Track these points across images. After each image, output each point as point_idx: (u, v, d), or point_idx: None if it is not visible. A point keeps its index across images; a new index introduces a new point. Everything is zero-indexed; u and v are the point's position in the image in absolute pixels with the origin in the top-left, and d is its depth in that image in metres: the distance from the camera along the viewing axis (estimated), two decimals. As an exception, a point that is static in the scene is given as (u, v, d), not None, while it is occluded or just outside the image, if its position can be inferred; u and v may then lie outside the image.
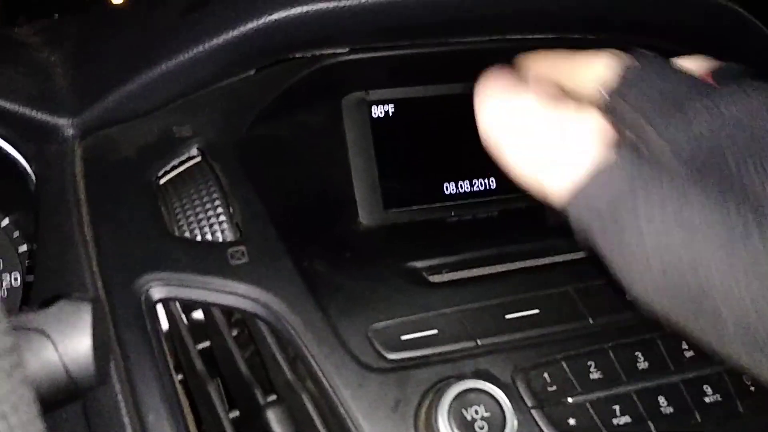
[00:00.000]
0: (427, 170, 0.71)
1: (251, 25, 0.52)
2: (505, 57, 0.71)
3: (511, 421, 0.43)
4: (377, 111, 0.70)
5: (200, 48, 0.53)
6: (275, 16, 0.52)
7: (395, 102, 0.70)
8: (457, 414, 0.43)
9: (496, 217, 0.71)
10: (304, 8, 0.52)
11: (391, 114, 0.70)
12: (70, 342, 0.32)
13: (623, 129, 0.35)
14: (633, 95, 0.35)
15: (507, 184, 0.73)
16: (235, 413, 0.47)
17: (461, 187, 0.72)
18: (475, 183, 0.73)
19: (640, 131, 0.34)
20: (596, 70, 0.37)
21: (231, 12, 0.53)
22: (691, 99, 0.33)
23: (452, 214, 0.71)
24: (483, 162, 0.71)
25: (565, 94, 0.39)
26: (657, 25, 0.67)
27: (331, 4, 0.52)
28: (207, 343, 0.49)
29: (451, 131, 0.72)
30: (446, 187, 0.72)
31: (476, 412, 0.43)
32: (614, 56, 0.37)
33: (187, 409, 0.47)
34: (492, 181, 0.73)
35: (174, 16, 0.56)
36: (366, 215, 0.68)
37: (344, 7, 0.53)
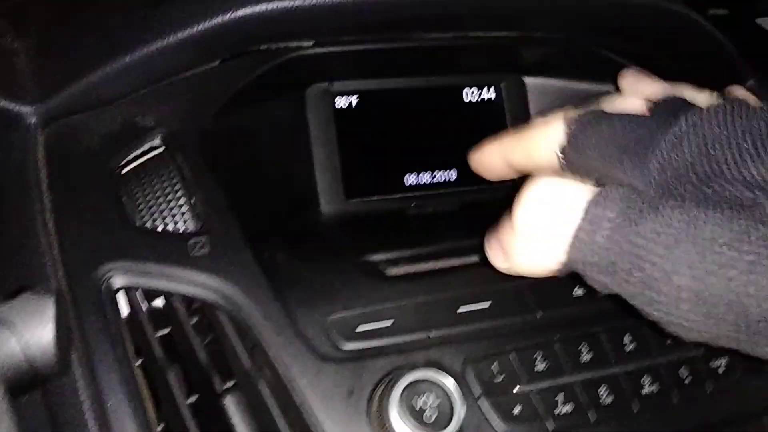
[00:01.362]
0: (389, 161, 0.73)
1: (218, 19, 0.53)
2: (469, 52, 0.73)
3: (459, 410, 0.45)
4: (341, 102, 0.71)
5: (167, 40, 0.53)
6: (241, 12, 0.53)
7: (359, 93, 0.72)
8: (407, 402, 0.45)
9: (456, 210, 0.73)
10: (271, 5, 0.52)
11: (354, 105, 0.72)
12: (33, 334, 0.33)
13: (590, 178, 0.37)
14: (592, 146, 0.36)
15: (468, 177, 0.75)
16: (194, 398, 0.48)
17: (422, 179, 0.74)
18: (436, 175, 0.75)
19: (607, 174, 0.36)
20: (549, 137, 0.39)
21: (198, 5, 0.53)
22: (643, 136, 0.35)
23: (413, 204, 0.73)
24: (444, 154, 0.75)
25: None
26: (614, 28, 0.69)
27: (297, 2, 0.53)
28: (167, 330, 0.50)
29: (413, 124, 0.74)
30: (407, 178, 0.73)
31: (426, 400, 0.45)
32: (558, 120, 0.39)
33: (146, 395, 0.48)
34: (453, 173, 0.75)
35: (140, 6, 0.57)
36: (327, 204, 0.69)
37: (311, 4, 0.54)
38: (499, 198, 0.74)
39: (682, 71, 0.74)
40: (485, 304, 0.52)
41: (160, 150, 0.55)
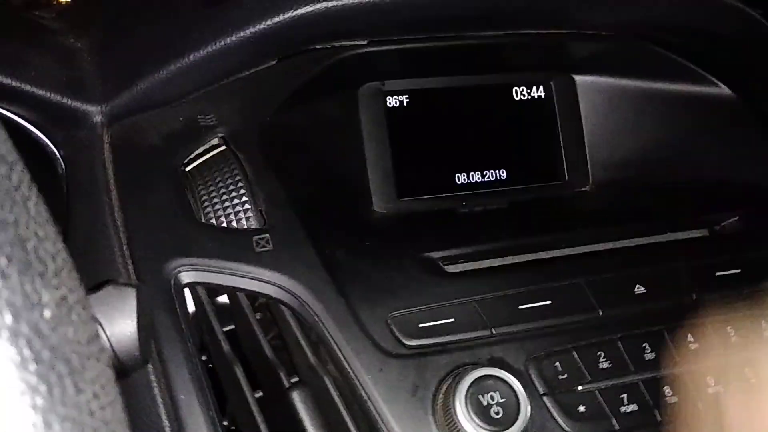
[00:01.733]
0: (440, 160, 0.73)
1: (277, 18, 0.54)
2: (518, 50, 0.73)
3: (525, 407, 0.45)
4: (392, 101, 0.71)
5: (228, 39, 0.54)
6: (301, 11, 0.53)
7: (410, 93, 0.72)
8: (473, 399, 0.45)
9: (506, 208, 0.73)
10: (329, 3, 0.53)
11: (405, 104, 0.72)
12: (117, 326, 0.34)
13: None
14: None
15: (518, 176, 0.75)
16: (259, 394, 0.49)
17: (473, 178, 0.74)
18: (486, 174, 0.74)
19: None
20: None
21: (257, 5, 0.54)
22: None
23: (464, 204, 0.73)
24: (494, 153, 0.75)
25: None
26: (668, 24, 0.69)
27: (354, 0, 0.53)
28: (231, 327, 0.51)
29: (463, 122, 0.74)
30: (458, 177, 0.73)
31: (492, 397, 0.45)
32: None
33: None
34: (503, 173, 0.75)
35: (201, 6, 0.58)
36: (380, 203, 0.69)
37: (366, 3, 0.54)
38: (548, 197, 0.75)
39: (736, 68, 0.74)
40: (546, 302, 0.52)
41: (222, 148, 0.56)
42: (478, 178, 0.74)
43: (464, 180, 0.73)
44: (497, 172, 0.75)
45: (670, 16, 0.69)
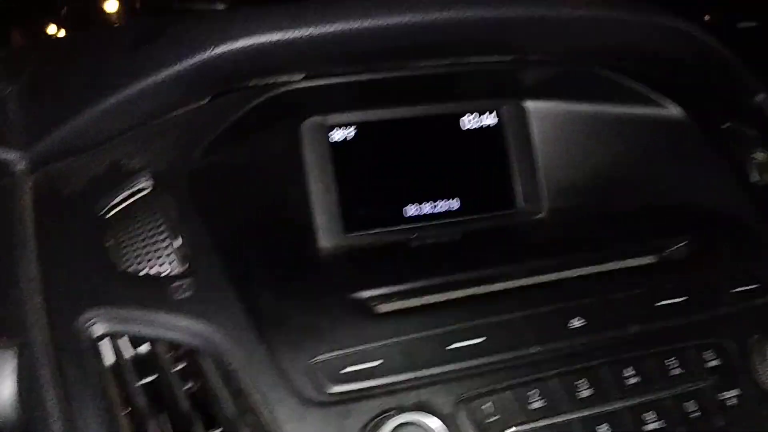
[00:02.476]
0: (389, 193, 0.72)
1: (197, 58, 0.53)
2: (465, 79, 0.72)
3: (448, 454, 0.43)
4: (337, 135, 0.70)
5: (146, 81, 0.53)
6: (219, 50, 0.52)
7: (355, 125, 0.71)
8: (395, 447, 0.43)
9: (458, 240, 0.72)
10: (247, 41, 0.52)
11: (351, 138, 0.71)
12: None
13: None
14: None
15: (471, 205, 0.74)
16: (179, 448, 0.47)
17: (423, 209, 0.73)
18: (438, 204, 0.73)
19: None
20: None
21: (176, 46, 0.53)
22: None
23: (414, 236, 0.71)
24: (446, 183, 0.73)
25: None
26: (610, 47, 0.68)
27: (274, 37, 0.52)
28: (154, 377, 0.50)
29: (412, 154, 0.73)
30: (408, 209, 0.72)
31: (414, 444, 0.43)
32: None
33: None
34: (455, 202, 0.74)
35: (123, 49, 0.57)
36: (325, 239, 0.68)
37: (289, 39, 0.54)
38: (502, 226, 0.74)
39: (690, 88, 0.73)
40: (478, 340, 0.51)
41: (146, 192, 0.55)
42: (430, 209, 0.73)
43: (415, 212, 0.72)
44: (449, 202, 0.74)
45: (620, 42, 0.68)
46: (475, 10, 0.58)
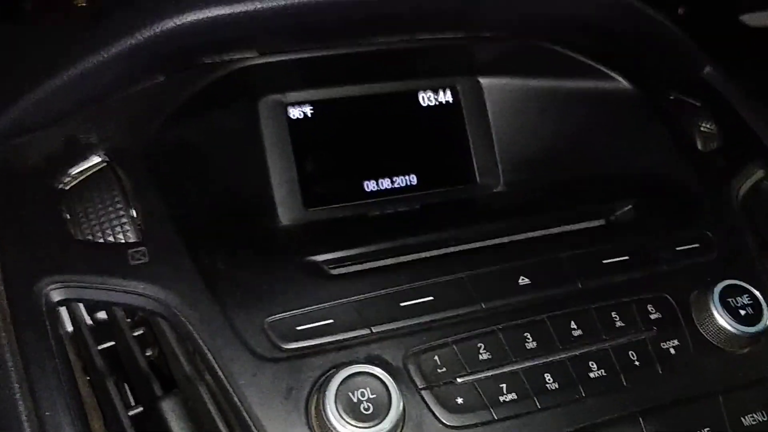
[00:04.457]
0: (348, 169, 0.73)
1: (148, 32, 0.54)
2: (421, 55, 0.74)
3: (397, 401, 0.45)
4: (295, 112, 0.71)
5: (100, 56, 0.54)
6: (169, 23, 0.53)
7: (313, 103, 0.72)
8: (343, 397, 0.44)
9: (417, 210, 0.73)
10: (196, 15, 0.53)
11: (309, 115, 0.72)
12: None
13: None
14: None
15: (429, 181, 0.75)
16: (138, 409, 0.48)
17: (382, 185, 0.74)
18: (396, 180, 0.75)
19: None
20: None
21: (128, 20, 0.54)
22: None
23: (374, 211, 0.73)
24: (404, 159, 0.75)
25: None
26: (560, 23, 0.70)
27: (222, 11, 0.54)
28: (111, 343, 0.51)
29: (370, 130, 0.74)
30: (367, 185, 0.73)
31: (363, 394, 0.45)
32: None
33: (94, 407, 0.48)
34: (413, 178, 0.75)
35: (77, 24, 0.58)
36: (286, 215, 0.69)
37: (238, 13, 0.55)
38: (460, 199, 0.76)
39: (638, 61, 0.75)
40: (428, 298, 0.52)
41: (103, 165, 0.56)
42: (388, 185, 0.74)
43: (374, 187, 0.74)
44: (407, 177, 0.75)
45: (567, 15, 0.70)
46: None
